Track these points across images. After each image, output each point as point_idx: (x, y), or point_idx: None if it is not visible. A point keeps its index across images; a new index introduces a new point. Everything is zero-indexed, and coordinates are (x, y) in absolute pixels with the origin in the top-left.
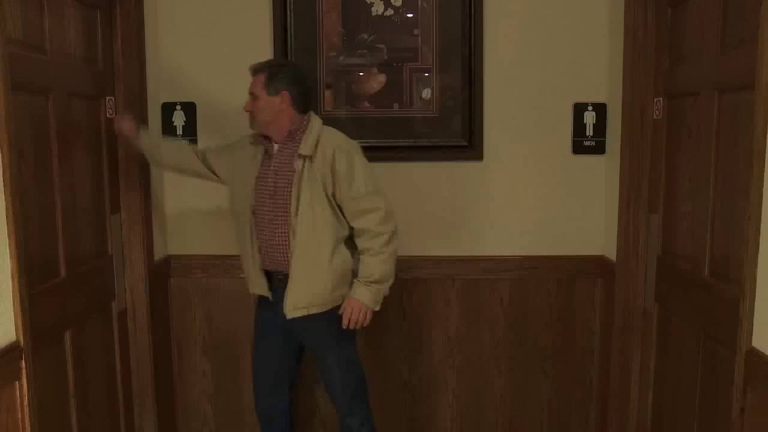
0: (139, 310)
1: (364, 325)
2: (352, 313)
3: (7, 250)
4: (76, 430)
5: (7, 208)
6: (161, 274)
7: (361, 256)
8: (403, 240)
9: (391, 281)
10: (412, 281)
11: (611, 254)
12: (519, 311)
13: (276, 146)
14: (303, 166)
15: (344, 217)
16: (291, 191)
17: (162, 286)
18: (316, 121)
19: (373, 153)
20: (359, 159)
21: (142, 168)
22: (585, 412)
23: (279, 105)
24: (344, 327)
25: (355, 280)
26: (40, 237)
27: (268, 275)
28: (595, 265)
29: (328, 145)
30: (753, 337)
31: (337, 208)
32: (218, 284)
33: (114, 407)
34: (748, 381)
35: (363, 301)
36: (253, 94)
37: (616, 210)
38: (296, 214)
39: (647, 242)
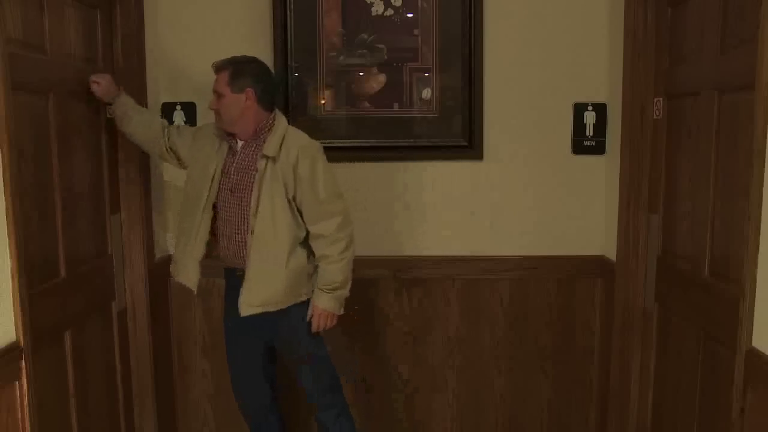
0: (139, 309)
1: (329, 327)
2: (319, 320)
3: (7, 250)
4: (76, 430)
5: (7, 208)
6: (161, 274)
7: (320, 264)
8: (403, 240)
9: (349, 284)
10: (412, 281)
11: (611, 254)
12: (519, 311)
13: (240, 143)
14: (266, 166)
15: (302, 220)
16: (252, 191)
17: (162, 286)
18: (281, 120)
19: (373, 153)
20: (322, 163)
21: (142, 168)
22: (585, 412)
23: (244, 102)
24: (313, 332)
25: (316, 289)
26: (40, 237)
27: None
28: (595, 265)
29: (292, 147)
30: (753, 337)
31: (296, 210)
32: (218, 284)
33: (114, 407)
34: (748, 381)
35: (328, 309)
36: (217, 92)
37: (616, 210)
38: (255, 214)
39: (647, 242)
